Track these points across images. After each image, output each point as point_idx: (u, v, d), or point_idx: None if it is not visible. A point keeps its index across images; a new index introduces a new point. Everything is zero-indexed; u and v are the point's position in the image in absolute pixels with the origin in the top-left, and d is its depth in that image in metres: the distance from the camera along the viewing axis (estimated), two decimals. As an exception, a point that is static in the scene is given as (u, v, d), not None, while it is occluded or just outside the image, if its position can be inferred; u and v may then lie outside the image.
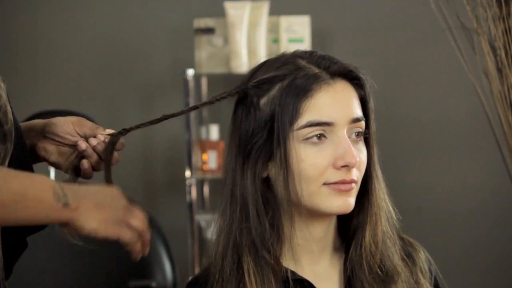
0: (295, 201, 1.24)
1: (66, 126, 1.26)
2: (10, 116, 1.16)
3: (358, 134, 1.25)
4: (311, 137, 1.22)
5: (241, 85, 1.27)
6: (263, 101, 1.24)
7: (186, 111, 1.31)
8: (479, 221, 3.23)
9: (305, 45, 2.98)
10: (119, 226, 1.09)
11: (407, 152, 3.25)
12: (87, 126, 1.27)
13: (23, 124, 1.28)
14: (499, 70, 1.98)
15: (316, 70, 1.24)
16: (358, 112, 1.25)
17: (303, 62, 1.25)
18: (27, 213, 1.03)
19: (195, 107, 1.31)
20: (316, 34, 3.15)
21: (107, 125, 1.30)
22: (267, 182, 1.26)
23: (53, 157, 1.27)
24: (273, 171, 1.25)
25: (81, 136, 1.27)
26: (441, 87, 3.24)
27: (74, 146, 1.26)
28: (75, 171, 1.27)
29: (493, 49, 1.99)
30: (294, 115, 1.22)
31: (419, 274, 1.32)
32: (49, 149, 1.27)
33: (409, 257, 1.33)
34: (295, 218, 1.25)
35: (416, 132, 3.26)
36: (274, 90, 1.24)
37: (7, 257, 1.22)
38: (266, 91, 1.24)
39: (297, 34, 3.03)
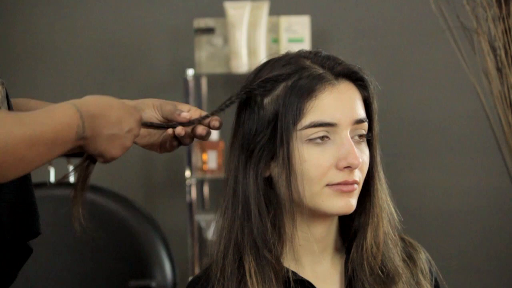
0: (297, 201, 1.24)
1: (152, 112, 1.29)
2: None
3: (361, 135, 1.25)
4: (315, 138, 1.22)
5: (247, 85, 1.26)
6: (267, 100, 1.24)
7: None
8: (479, 221, 3.23)
9: (305, 45, 2.98)
10: (121, 150, 1.18)
11: (406, 152, 3.25)
12: (166, 110, 1.28)
13: None
14: (499, 70, 1.98)
15: (321, 71, 1.24)
16: (362, 113, 1.24)
17: (307, 62, 1.25)
18: (49, 152, 1.10)
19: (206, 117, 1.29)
20: (316, 34, 3.15)
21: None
22: (269, 182, 1.26)
23: (144, 140, 1.30)
24: (276, 170, 1.25)
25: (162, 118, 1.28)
26: (441, 87, 3.23)
27: (161, 127, 1.29)
28: (160, 147, 1.31)
29: (493, 49, 1.99)
30: (298, 115, 1.21)
31: (420, 275, 1.32)
32: (141, 133, 1.29)
33: (410, 258, 1.33)
34: (297, 218, 1.25)
35: (416, 132, 3.26)
36: (278, 90, 1.24)
37: (11, 263, 1.22)
38: (270, 90, 1.24)
39: (297, 34, 3.03)
